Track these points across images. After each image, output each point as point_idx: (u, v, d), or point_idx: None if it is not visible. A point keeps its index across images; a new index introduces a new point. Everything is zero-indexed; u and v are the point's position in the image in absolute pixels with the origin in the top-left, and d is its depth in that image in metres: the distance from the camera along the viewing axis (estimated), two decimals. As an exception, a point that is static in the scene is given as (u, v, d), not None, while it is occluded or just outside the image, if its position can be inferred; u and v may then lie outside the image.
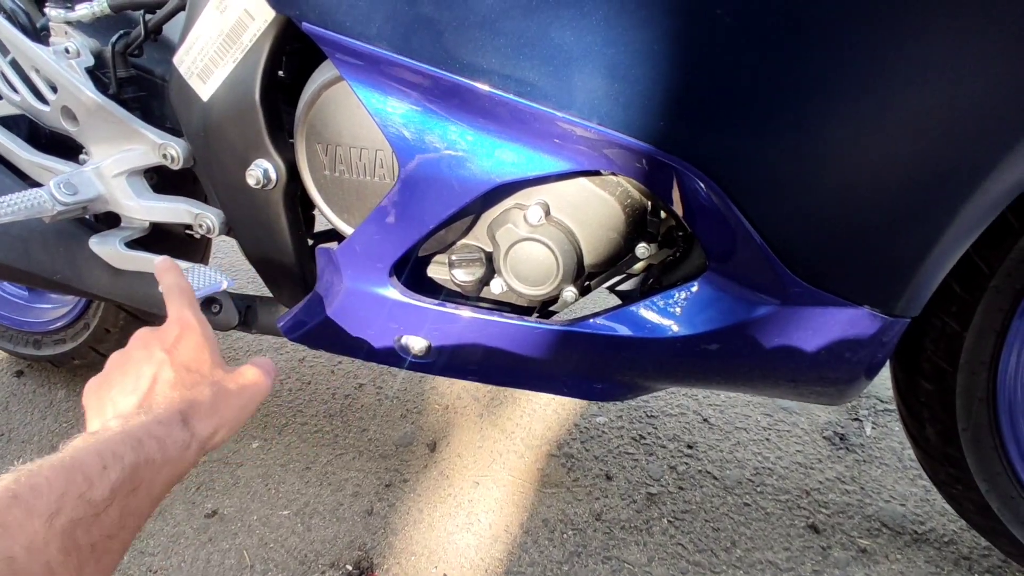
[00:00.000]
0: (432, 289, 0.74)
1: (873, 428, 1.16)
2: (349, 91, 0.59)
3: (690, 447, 1.14)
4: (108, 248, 0.77)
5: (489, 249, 0.67)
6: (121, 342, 1.20)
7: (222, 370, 0.53)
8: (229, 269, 1.73)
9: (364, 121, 0.59)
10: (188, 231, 0.80)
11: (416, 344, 0.71)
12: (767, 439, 1.15)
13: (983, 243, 0.62)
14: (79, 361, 1.24)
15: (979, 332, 0.68)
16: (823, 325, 0.60)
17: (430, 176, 0.57)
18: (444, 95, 0.54)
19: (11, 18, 0.76)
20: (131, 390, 0.49)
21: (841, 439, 1.14)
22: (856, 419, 1.18)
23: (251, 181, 0.69)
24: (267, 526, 1.03)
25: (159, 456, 0.44)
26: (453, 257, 0.65)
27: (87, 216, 0.81)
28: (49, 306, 1.24)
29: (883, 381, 1.26)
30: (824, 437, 1.15)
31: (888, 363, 0.79)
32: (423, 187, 0.58)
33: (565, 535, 1.00)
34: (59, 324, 1.21)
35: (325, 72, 0.61)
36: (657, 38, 0.46)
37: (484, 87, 0.51)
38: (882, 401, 1.22)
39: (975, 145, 0.49)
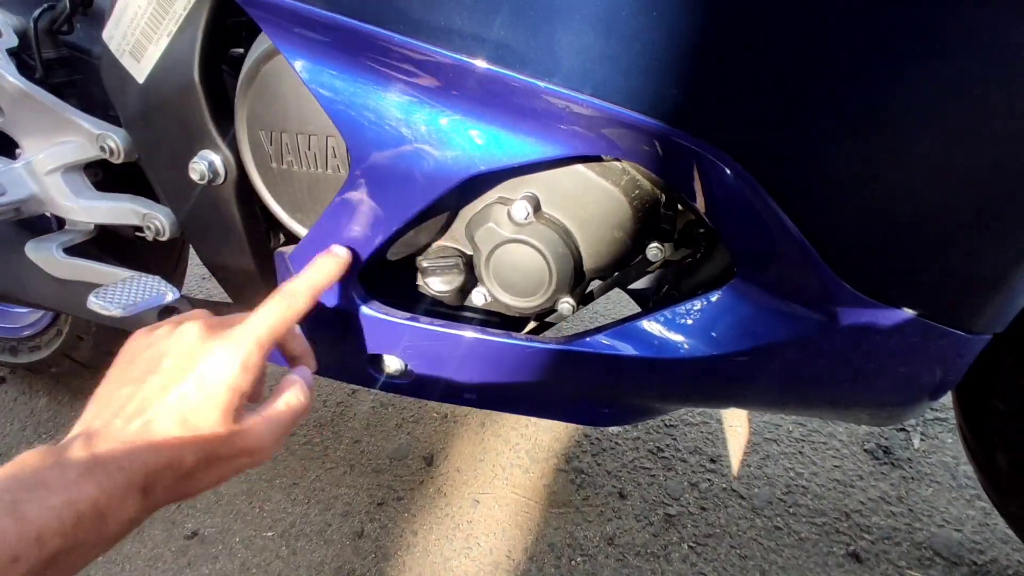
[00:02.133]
0: (409, 299, 0.64)
1: (922, 440, 1.03)
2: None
3: (713, 461, 1.02)
4: (44, 255, 0.68)
5: (469, 252, 0.56)
6: (95, 349, 1.12)
7: (223, 431, 0.44)
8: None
9: (310, 101, 0.49)
10: (138, 233, 0.70)
11: (391, 365, 0.61)
12: (800, 452, 1.03)
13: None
14: (56, 369, 1.16)
15: (1070, 345, 0.56)
16: (881, 343, 0.48)
17: (389, 166, 0.47)
18: (400, 65, 0.43)
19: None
20: (129, 414, 0.42)
21: (885, 453, 1.01)
22: (902, 429, 1.05)
23: (195, 176, 0.59)
24: (250, 549, 0.95)
25: (94, 536, 0.37)
26: (425, 263, 0.55)
27: (27, 217, 0.72)
28: (22, 312, 1.17)
29: (931, 384, 1.13)
30: (865, 450, 1.02)
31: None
32: (382, 180, 0.48)
33: (574, 561, 0.90)
34: (31, 331, 1.14)
35: (264, 43, 0.50)
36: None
37: (447, 52, 0.40)
38: (932, 408, 1.09)
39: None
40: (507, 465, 1.05)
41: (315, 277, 0.50)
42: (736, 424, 1.09)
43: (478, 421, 1.14)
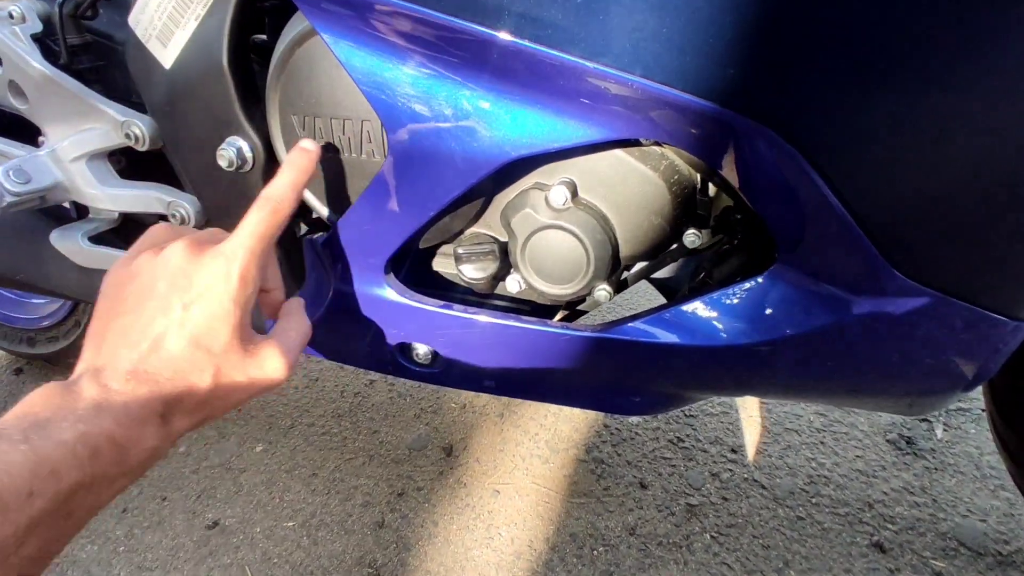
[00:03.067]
0: (438, 287, 0.63)
1: (945, 431, 1.02)
2: (326, 48, 0.47)
3: (734, 451, 1.02)
4: (69, 243, 0.68)
5: (504, 239, 0.55)
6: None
7: (237, 350, 0.42)
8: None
9: (345, 85, 0.48)
10: (163, 222, 0.70)
11: (419, 352, 0.60)
12: (822, 442, 1.02)
13: None
14: (73, 360, 1.16)
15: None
16: (926, 328, 0.47)
17: (427, 151, 0.46)
18: (441, 46, 0.42)
19: (-49, -20, 0.66)
20: (135, 341, 0.40)
21: (908, 443, 1.01)
22: (925, 420, 1.05)
23: (223, 163, 0.59)
24: (271, 539, 0.95)
25: (115, 469, 0.36)
26: (460, 250, 0.54)
27: (50, 206, 0.71)
28: (41, 302, 1.17)
29: (952, 374, 1.12)
30: (888, 441, 1.02)
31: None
32: (419, 164, 0.47)
33: (596, 552, 0.90)
34: (50, 321, 1.14)
35: (297, 25, 0.50)
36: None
37: (492, 32, 0.39)
38: (953, 398, 1.09)
39: None
40: (527, 455, 1.04)
41: (293, 175, 0.47)
42: (756, 414, 1.08)
43: (497, 411, 1.14)
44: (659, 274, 0.66)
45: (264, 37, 0.68)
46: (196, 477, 1.06)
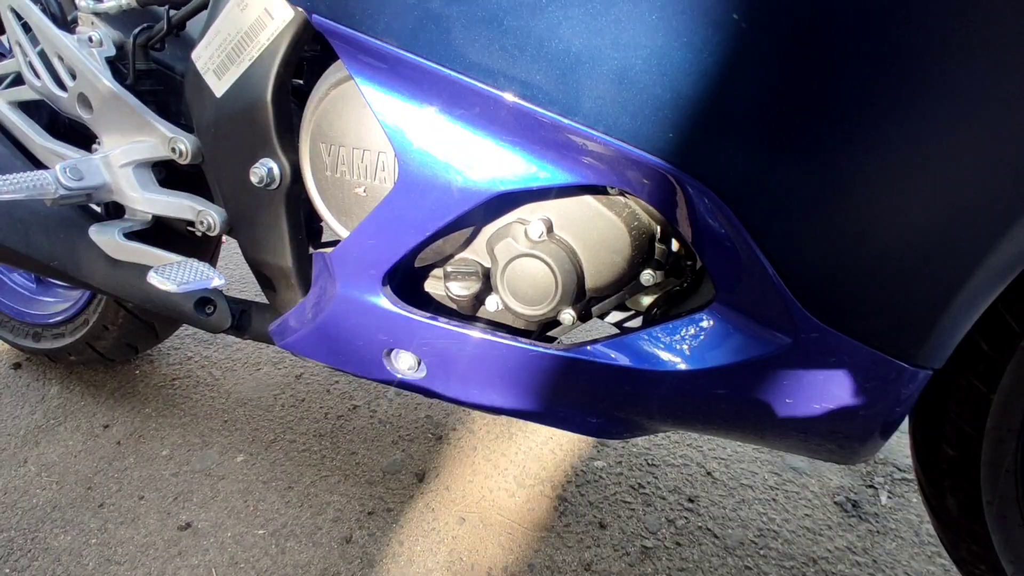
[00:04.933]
0: (427, 303, 0.71)
1: (889, 498, 1.08)
2: (356, 92, 0.58)
3: (691, 501, 1.07)
4: (106, 237, 0.76)
5: (488, 265, 0.64)
6: (118, 341, 1.18)
7: None
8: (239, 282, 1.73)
9: (369, 122, 0.58)
10: (189, 228, 0.79)
11: (405, 359, 0.68)
12: (774, 499, 1.08)
13: (1014, 299, 0.58)
14: (75, 357, 1.22)
15: (1008, 395, 0.63)
16: (836, 370, 0.55)
17: (429, 180, 0.55)
18: (449, 95, 0.52)
19: (45, 8, 0.77)
20: None
21: (854, 506, 1.06)
22: (871, 486, 1.10)
23: (254, 179, 0.68)
24: (240, 545, 0.98)
25: None
26: (449, 269, 0.63)
27: (92, 205, 0.81)
28: (53, 299, 1.24)
29: (902, 449, 1.19)
30: (835, 503, 1.07)
31: (908, 426, 0.73)
32: (422, 191, 0.56)
33: (551, 583, 0.93)
34: (60, 318, 1.21)
35: (336, 72, 0.60)
36: (670, 44, 0.44)
37: (489, 88, 0.50)
38: (899, 469, 1.15)
39: (1008, 192, 0.45)
40: (495, 488, 1.09)
41: None
42: (715, 469, 1.14)
43: (471, 445, 1.19)
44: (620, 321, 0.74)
45: (300, 81, 0.80)
46: (175, 480, 1.10)
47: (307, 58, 0.78)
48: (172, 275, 0.66)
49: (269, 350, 1.44)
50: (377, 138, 0.58)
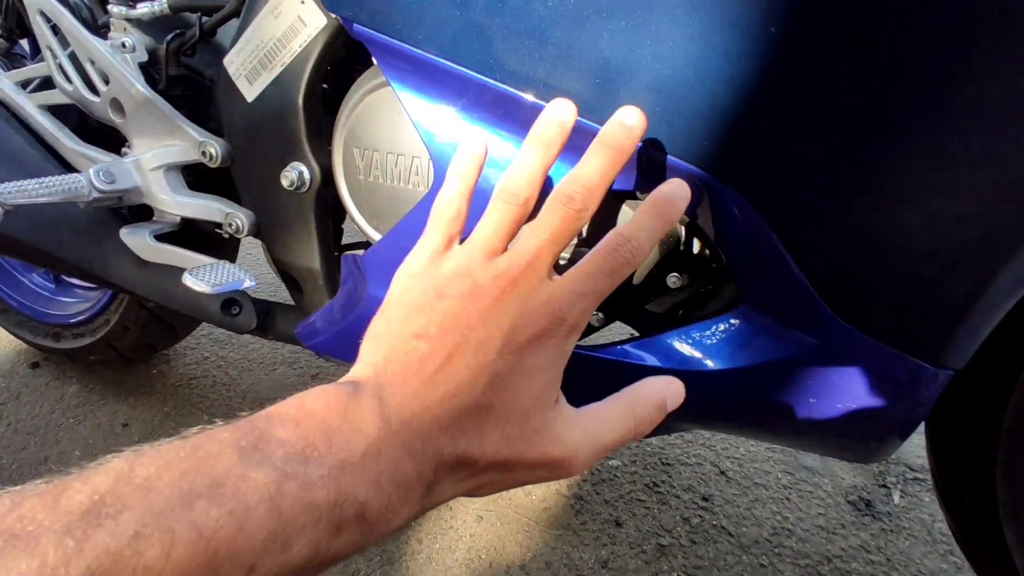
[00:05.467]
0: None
1: (902, 497, 1.10)
2: (392, 97, 0.59)
3: (706, 499, 1.09)
4: (137, 239, 0.78)
5: (517, 267, 0.65)
6: (138, 341, 1.20)
7: (534, 416, 0.33)
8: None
9: (404, 127, 0.59)
10: (217, 230, 0.80)
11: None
12: (787, 498, 1.09)
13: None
14: (95, 357, 1.24)
15: (1025, 396, 0.65)
16: (860, 371, 0.57)
17: (464, 185, 0.57)
18: (487, 103, 0.53)
19: (75, 12, 0.78)
20: (429, 376, 0.32)
21: (867, 505, 1.08)
22: (883, 486, 1.12)
23: (285, 182, 0.69)
24: (261, 542, 1.00)
25: (347, 549, 0.30)
26: (479, 271, 0.64)
27: (121, 207, 0.82)
28: (73, 300, 1.26)
29: (913, 449, 1.20)
30: (848, 502, 1.09)
31: (923, 425, 0.75)
32: (456, 196, 0.57)
33: (568, 581, 0.95)
34: (81, 318, 1.22)
35: (371, 78, 0.62)
36: (707, 55, 0.45)
37: (529, 97, 0.51)
38: (912, 469, 1.16)
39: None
40: (511, 486, 1.11)
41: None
42: (729, 468, 1.16)
43: (485, 444, 1.20)
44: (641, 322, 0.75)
45: (325, 86, 0.81)
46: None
47: (333, 64, 0.79)
48: (206, 277, 0.68)
49: (284, 351, 1.45)
50: (411, 143, 0.60)
